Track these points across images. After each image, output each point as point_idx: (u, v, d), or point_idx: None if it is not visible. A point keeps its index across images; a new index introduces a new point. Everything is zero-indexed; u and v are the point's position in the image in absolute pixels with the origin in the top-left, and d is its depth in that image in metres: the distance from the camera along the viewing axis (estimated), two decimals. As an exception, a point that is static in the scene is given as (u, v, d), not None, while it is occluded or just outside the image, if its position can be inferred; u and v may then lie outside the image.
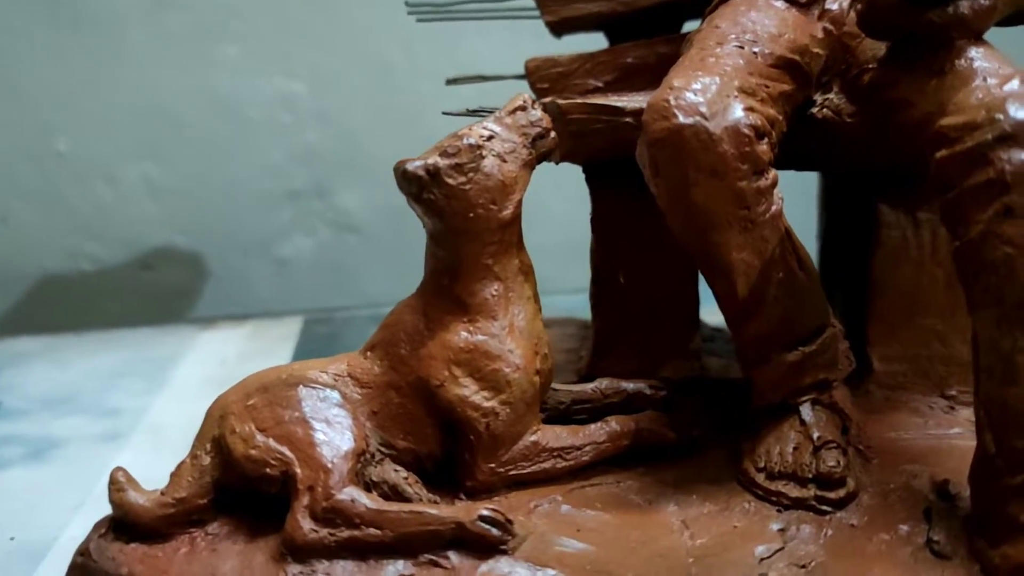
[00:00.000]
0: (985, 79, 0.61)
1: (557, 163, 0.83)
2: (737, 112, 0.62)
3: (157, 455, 0.91)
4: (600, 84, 0.89)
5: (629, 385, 0.75)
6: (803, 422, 0.67)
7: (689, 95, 0.62)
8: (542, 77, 0.93)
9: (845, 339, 0.72)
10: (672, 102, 0.62)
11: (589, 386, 0.75)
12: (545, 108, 0.81)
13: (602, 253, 0.84)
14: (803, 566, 0.57)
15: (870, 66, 0.71)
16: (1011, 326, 0.54)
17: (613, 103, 0.77)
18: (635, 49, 0.88)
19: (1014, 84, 0.60)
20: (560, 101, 0.79)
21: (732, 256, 0.64)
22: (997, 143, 0.56)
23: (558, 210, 1.27)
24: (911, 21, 0.63)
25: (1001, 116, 0.56)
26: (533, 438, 0.67)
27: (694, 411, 0.77)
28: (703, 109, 0.61)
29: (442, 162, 0.64)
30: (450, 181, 0.64)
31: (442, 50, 1.56)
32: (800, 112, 0.73)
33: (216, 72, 1.62)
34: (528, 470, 0.66)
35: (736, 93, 0.63)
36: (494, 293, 0.66)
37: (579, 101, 0.78)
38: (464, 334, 0.66)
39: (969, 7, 0.62)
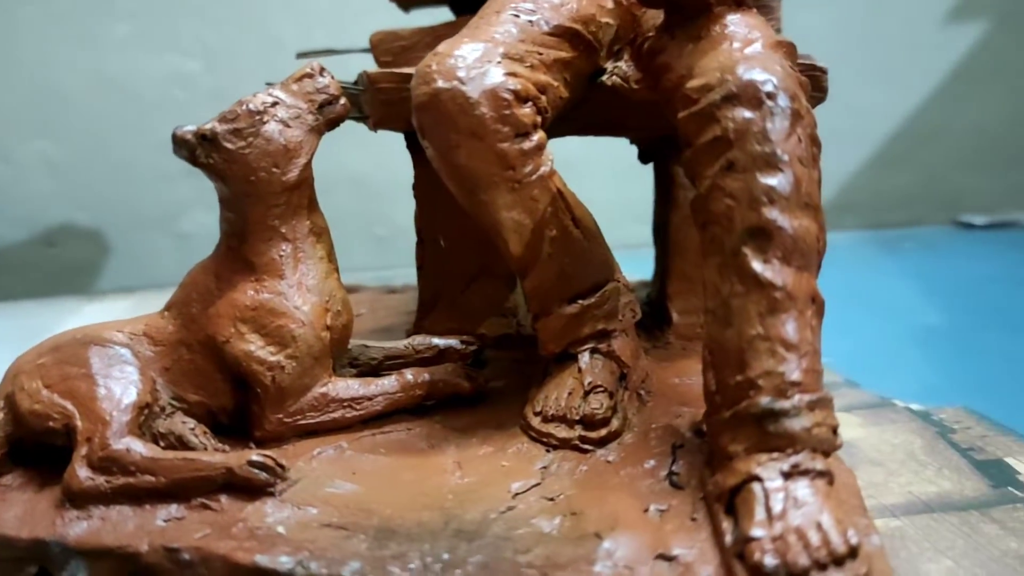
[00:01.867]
0: (732, 44, 0.64)
1: (374, 130, 0.86)
2: (496, 76, 0.65)
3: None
4: (441, 56, 0.92)
5: (440, 341, 0.78)
6: (580, 369, 0.71)
7: (450, 60, 0.65)
8: (385, 50, 0.95)
9: (630, 292, 0.75)
10: (433, 67, 0.65)
11: (402, 343, 0.78)
12: (357, 78, 0.84)
13: (423, 217, 0.88)
14: (551, 499, 0.60)
15: (650, 34, 0.74)
16: (729, 273, 0.58)
17: (416, 72, 0.80)
18: (473, 22, 0.91)
19: (755, 47, 0.63)
20: (369, 71, 0.82)
21: (501, 215, 0.67)
22: (724, 102, 0.60)
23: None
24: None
25: (730, 77, 0.60)
26: (322, 390, 0.70)
27: (503, 365, 0.81)
28: (460, 74, 0.64)
29: (219, 127, 0.67)
30: (228, 145, 0.66)
31: (338, 27, 1.58)
32: (593, 79, 0.76)
33: (107, 50, 1.63)
34: (317, 420, 0.70)
35: (499, 59, 0.66)
36: (282, 253, 0.69)
37: (386, 71, 0.81)
38: (251, 292, 0.69)
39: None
